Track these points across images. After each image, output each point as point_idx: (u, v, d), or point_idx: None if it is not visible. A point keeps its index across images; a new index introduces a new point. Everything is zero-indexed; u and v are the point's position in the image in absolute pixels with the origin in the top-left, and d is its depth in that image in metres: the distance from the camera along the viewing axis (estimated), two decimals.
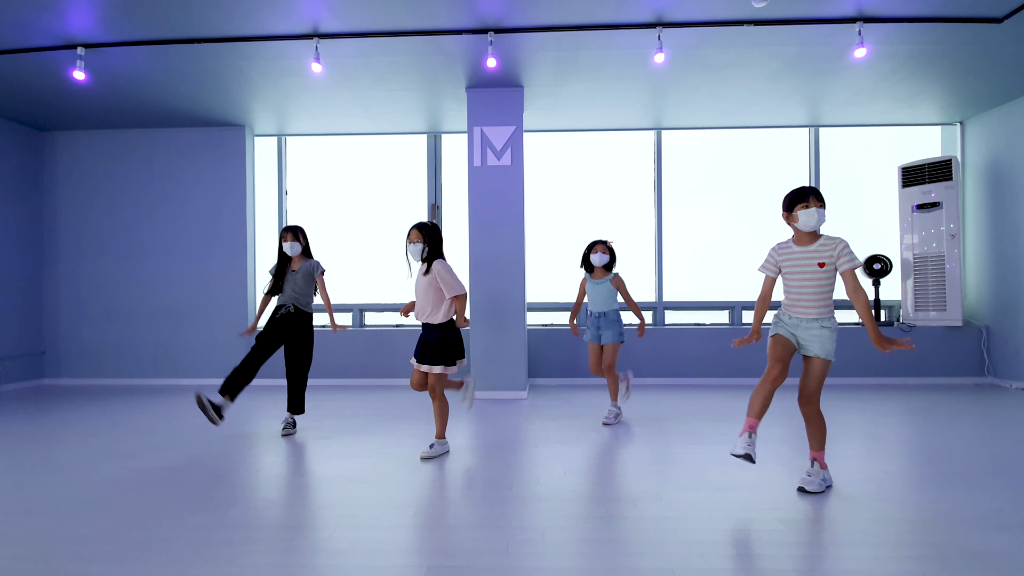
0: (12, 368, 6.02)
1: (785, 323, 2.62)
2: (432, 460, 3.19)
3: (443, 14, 4.02)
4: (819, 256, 2.53)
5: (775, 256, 2.65)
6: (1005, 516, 2.27)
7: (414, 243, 3.23)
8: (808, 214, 2.51)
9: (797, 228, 2.58)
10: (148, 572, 1.86)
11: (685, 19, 4.10)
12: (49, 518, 2.34)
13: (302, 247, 3.94)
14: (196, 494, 2.63)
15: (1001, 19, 4.14)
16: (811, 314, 2.55)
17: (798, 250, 2.58)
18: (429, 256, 3.23)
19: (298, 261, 3.93)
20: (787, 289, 2.64)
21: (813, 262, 2.54)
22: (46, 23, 4.12)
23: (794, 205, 2.56)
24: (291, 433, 3.84)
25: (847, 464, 3.01)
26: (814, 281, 2.54)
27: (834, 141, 6.43)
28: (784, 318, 2.63)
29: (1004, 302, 5.74)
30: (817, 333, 2.54)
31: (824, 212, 2.53)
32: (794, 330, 2.59)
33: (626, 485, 2.73)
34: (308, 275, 3.91)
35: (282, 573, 1.85)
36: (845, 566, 1.86)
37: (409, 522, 2.30)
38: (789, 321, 2.61)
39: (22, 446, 3.56)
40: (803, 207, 2.53)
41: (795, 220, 2.57)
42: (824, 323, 2.55)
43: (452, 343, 3.23)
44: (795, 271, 2.57)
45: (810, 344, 2.57)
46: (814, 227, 2.53)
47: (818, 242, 2.55)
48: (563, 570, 1.86)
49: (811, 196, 2.53)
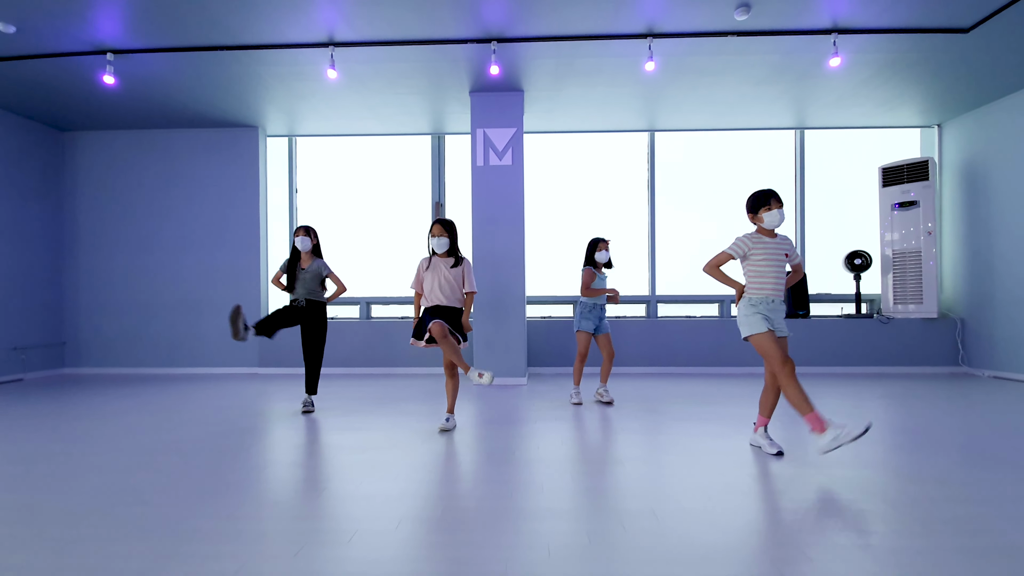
0: (35, 358, 6.32)
1: (766, 314, 2.88)
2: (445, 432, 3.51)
3: (450, 24, 4.33)
4: (782, 248, 2.93)
5: (748, 243, 2.94)
6: (948, 475, 2.60)
7: (438, 237, 3.58)
8: (772, 215, 2.89)
9: (762, 227, 2.95)
10: (205, 515, 2.17)
11: (674, 30, 4.42)
12: (106, 476, 2.65)
13: (313, 244, 4.28)
14: (233, 458, 2.94)
15: (967, 29, 4.46)
16: (782, 295, 2.91)
17: (769, 241, 2.93)
18: (454, 250, 3.62)
19: (308, 259, 4.28)
20: (758, 275, 2.92)
21: (781, 252, 2.92)
22: (78, 30, 4.42)
23: (759, 207, 2.93)
24: (310, 411, 4.17)
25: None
26: (781, 268, 2.92)
27: (819, 142, 6.76)
28: (763, 309, 2.89)
29: (978, 296, 6.07)
30: (783, 313, 2.94)
31: (784, 212, 2.91)
32: (772, 316, 2.89)
33: (616, 450, 3.05)
34: (316, 274, 4.28)
35: (319, 514, 2.16)
36: (811, 506, 2.18)
37: (425, 476, 2.61)
38: (769, 308, 2.89)
39: (60, 424, 3.86)
40: (767, 209, 2.90)
41: (760, 220, 2.94)
42: (784, 304, 2.96)
43: (460, 326, 3.60)
44: (769, 259, 2.90)
45: (782, 325, 2.92)
46: (777, 225, 2.92)
47: (779, 237, 2.96)
48: (560, 510, 2.17)
49: (772, 199, 2.89)
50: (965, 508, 2.16)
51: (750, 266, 2.94)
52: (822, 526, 2.01)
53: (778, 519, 2.09)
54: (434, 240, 3.61)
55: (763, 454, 2.93)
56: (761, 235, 2.95)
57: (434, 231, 3.60)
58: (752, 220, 2.99)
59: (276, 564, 1.75)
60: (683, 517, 2.09)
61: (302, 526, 2.04)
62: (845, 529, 1.98)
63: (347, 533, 1.96)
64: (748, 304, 2.92)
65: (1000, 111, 5.81)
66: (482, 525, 2.04)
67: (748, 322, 2.89)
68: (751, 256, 2.93)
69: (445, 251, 3.61)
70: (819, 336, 6.31)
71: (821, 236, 6.72)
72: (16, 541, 1.94)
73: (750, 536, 1.94)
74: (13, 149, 6.10)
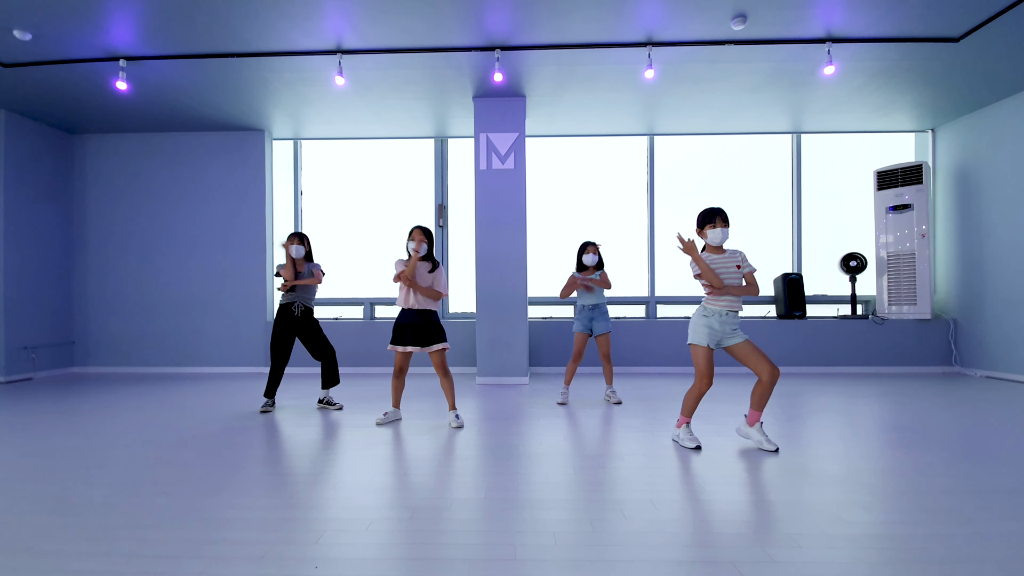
0: (44, 357, 6.43)
1: (714, 328, 3.05)
2: (443, 425, 3.62)
3: (455, 33, 4.45)
4: (732, 261, 3.10)
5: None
6: (934, 468, 2.72)
7: (419, 242, 3.73)
8: (715, 233, 3.09)
9: (707, 243, 3.13)
10: (227, 506, 2.28)
11: (672, 39, 4.55)
12: (128, 469, 2.77)
13: (306, 251, 4.45)
14: (247, 453, 3.06)
15: (958, 39, 4.59)
16: (737, 307, 3.07)
17: (717, 258, 3.12)
18: (431, 255, 3.80)
19: (301, 264, 4.43)
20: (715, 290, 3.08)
21: (732, 264, 3.09)
22: (91, 37, 4.53)
23: (704, 224, 3.12)
24: (334, 407, 4.36)
25: (823, 435, 3.45)
26: (735, 279, 3.07)
27: (815, 146, 6.89)
28: (714, 322, 3.05)
29: (970, 297, 6.21)
30: (738, 325, 3.10)
31: (728, 231, 3.08)
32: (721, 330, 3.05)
33: (616, 446, 3.17)
34: (310, 276, 4.43)
35: (336, 504, 2.28)
36: (802, 497, 2.31)
37: (433, 470, 2.73)
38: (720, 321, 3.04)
39: (76, 421, 3.98)
40: (711, 227, 3.09)
41: (705, 236, 3.13)
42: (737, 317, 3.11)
43: (440, 326, 3.83)
44: (722, 273, 3.07)
45: (736, 334, 3.07)
46: (720, 242, 3.10)
47: (727, 253, 3.12)
48: (564, 501, 2.30)
49: (718, 217, 3.08)
50: (951, 499, 2.29)
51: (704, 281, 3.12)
52: (812, 516, 2.13)
53: (770, 509, 2.21)
54: (412, 245, 3.75)
55: (759, 449, 3.05)
56: (709, 253, 3.14)
57: (414, 235, 3.74)
58: (699, 235, 3.19)
59: (300, 549, 1.87)
60: (680, 506, 2.21)
61: (321, 515, 2.16)
62: (834, 518, 2.10)
63: (364, 522, 2.08)
64: (701, 314, 3.12)
65: (992, 116, 5.95)
66: (491, 514, 2.16)
67: (693, 330, 3.13)
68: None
69: (423, 256, 3.77)
70: (815, 337, 6.44)
71: (817, 239, 6.85)
72: (51, 530, 2.06)
73: (743, 524, 2.06)
74: (25, 152, 6.21)
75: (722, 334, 3.06)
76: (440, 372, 3.79)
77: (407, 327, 3.76)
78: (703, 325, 3.08)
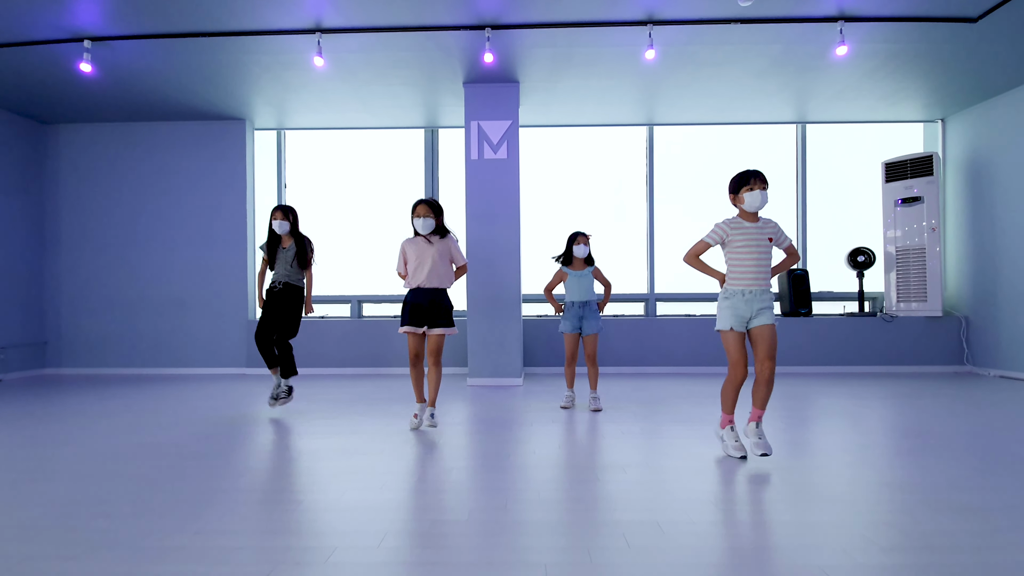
0: (14, 357, 6.11)
1: (738, 309, 2.74)
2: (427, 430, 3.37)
3: (442, 10, 4.16)
4: (765, 232, 2.76)
5: (726, 229, 2.78)
6: (962, 481, 2.45)
7: (424, 217, 3.46)
8: (753, 196, 2.73)
9: (743, 209, 2.78)
10: (171, 530, 2.00)
11: (675, 17, 4.27)
12: (71, 485, 2.47)
13: (291, 225, 4.09)
14: (208, 463, 2.77)
15: (976, 19, 4.33)
16: (763, 284, 2.74)
17: (749, 226, 2.77)
18: (441, 228, 3.51)
19: (288, 240, 4.09)
20: (738, 263, 2.77)
21: (764, 237, 2.75)
22: (54, 16, 4.23)
23: (740, 187, 2.77)
24: (284, 400, 4.04)
25: (833, 438, 3.18)
26: (765, 254, 2.76)
27: (820, 137, 6.62)
28: (737, 302, 2.74)
29: (983, 293, 5.95)
30: (769, 303, 2.75)
31: (767, 194, 2.73)
32: (748, 309, 2.73)
33: (616, 455, 2.89)
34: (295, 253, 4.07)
35: (295, 527, 2.00)
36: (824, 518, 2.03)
37: (413, 485, 2.45)
38: (743, 300, 2.73)
39: (36, 425, 3.68)
40: (748, 189, 2.74)
41: (741, 202, 2.78)
42: (770, 292, 2.78)
43: (450, 310, 3.55)
44: (749, 244, 2.74)
45: (763, 314, 2.73)
46: (758, 207, 2.74)
47: (760, 221, 2.79)
48: (558, 523, 2.02)
49: (754, 179, 2.74)
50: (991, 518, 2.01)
51: (730, 253, 2.80)
52: (840, 541, 1.85)
53: (792, 532, 1.93)
54: (419, 221, 3.48)
55: (770, 459, 2.77)
56: (742, 220, 2.79)
57: (419, 211, 3.48)
58: (733, 202, 2.84)
59: None
60: (690, 530, 1.93)
61: (276, 543, 1.87)
62: (866, 544, 1.83)
63: (326, 551, 1.79)
64: (723, 296, 2.83)
65: (1005, 105, 5.69)
66: (473, 541, 1.88)
67: (719, 315, 2.84)
68: (730, 243, 2.78)
69: (430, 231, 3.49)
70: (821, 335, 6.17)
71: (823, 233, 6.59)
72: None
73: (763, 552, 1.78)
74: None
75: (749, 312, 2.73)
76: (432, 360, 3.51)
77: (419, 306, 3.45)
78: (726, 308, 2.77)
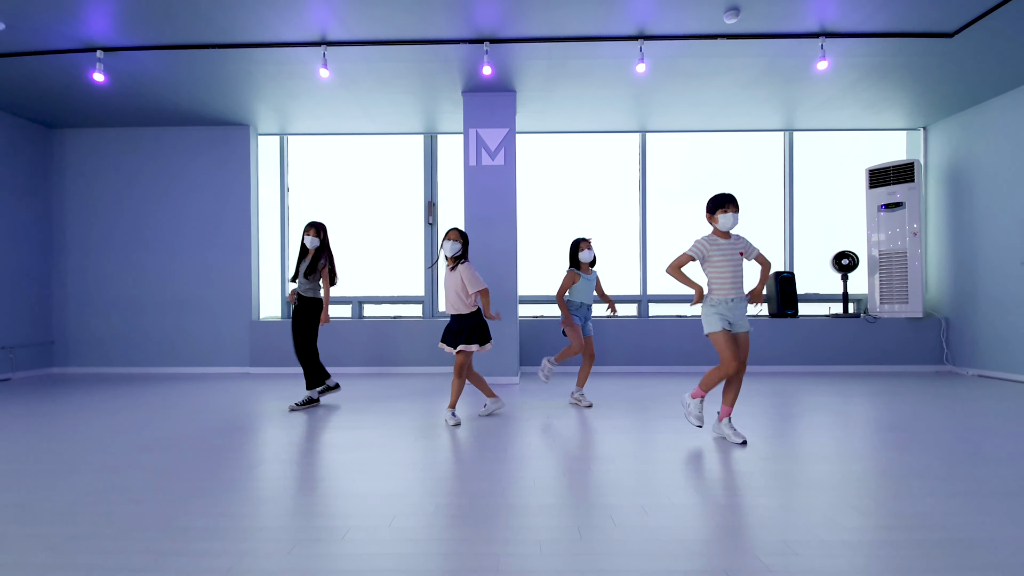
0: (23, 357, 6.26)
1: (725, 314, 3.12)
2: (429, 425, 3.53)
3: (443, 25, 4.35)
4: (737, 247, 3.16)
5: (706, 245, 3.18)
6: (931, 470, 2.66)
7: (452, 241, 3.69)
8: (727, 217, 3.13)
9: (717, 228, 3.17)
10: (198, 513, 2.18)
11: (664, 32, 4.46)
12: (97, 474, 2.65)
13: (321, 241, 4.32)
14: (224, 455, 2.95)
15: (952, 34, 4.54)
16: (741, 293, 3.13)
17: (723, 242, 3.16)
18: (460, 257, 3.73)
19: (319, 256, 4.32)
20: (717, 275, 3.15)
21: (736, 251, 3.15)
22: (68, 28, 4.39)
23: (716, 209, 3.17)
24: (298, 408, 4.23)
25: (814, 432, 3.39)
26: (739, 266, 3.15)
27: (807, 144, 6.84)
28: (723, 309, 3.13)
29: (962, 295, 6.18)
30: (745, 311, 3.17)
31: (738, 216, 3.14)
32: (731, 315, 3.13)
33: (607, 447, 3.09)
34: (314, 266, 4.28)
35: (311, 510, 2.18)
36: (796, 502, 2.23)
37: (418, 474, 2.63)
38: (728, 308, 3.12)
39: (51, 422, 3.85)
40: (723, 212, 3.14)
41: (716, 221, 3.17)
42: (746, 300, 3.17)
43: (478, 329, 3.75)
44: (725, 258, 3.14)
45: (742, 321, 3.15)
46: (731, 227, 3.15)
47: (732, 238, 3.19)
48: (551, 506, 2.21)
49: (728, 203, 3.13)
50: (950, 502, 2.22)
51: (709, 267, 3.17)
52: (807, 521, 2.06)
53: (765, 513, 2.13)
54: (447, 243, 3.74)
55: (751, 450, 2.98)
56: (716, 237, 3.18)
57: (450, 235, 3.74)
58: (710, 221, 3.23)
59: (270, 561, 1.77)
60: (671, 512, 2.13)
61: (296, 523, 2.06)
62: (831, 523, 2.03)
63: (341, 530, 1.98)
64: (708, 304, 3.18)
65: (984, 114, 5.92)
66: (474, 521, 2.07)
67: (707, 320, 3.16)
68: (709, 258, 3.15)
69: (454, 254, 3.72)
70: (807, 335, 6.39)
71: (809, 237, 6.80)
72: (9, 540, 1.94)
73: (737, 530, 1.98)
74: (2, 146, 6.04)
75: (734, 318, 3.11)
76: (455, 371, 3.79)
77: (448, 328, 3.82)
78: (714, 313, 3.13)
